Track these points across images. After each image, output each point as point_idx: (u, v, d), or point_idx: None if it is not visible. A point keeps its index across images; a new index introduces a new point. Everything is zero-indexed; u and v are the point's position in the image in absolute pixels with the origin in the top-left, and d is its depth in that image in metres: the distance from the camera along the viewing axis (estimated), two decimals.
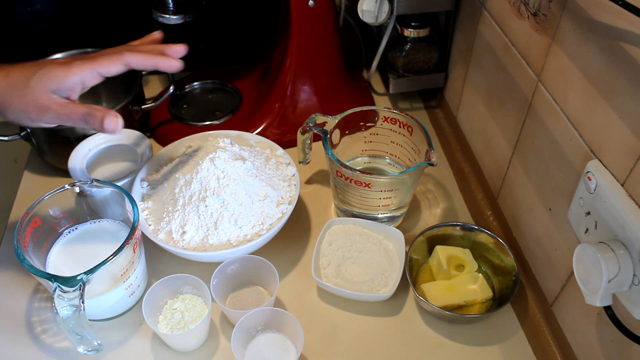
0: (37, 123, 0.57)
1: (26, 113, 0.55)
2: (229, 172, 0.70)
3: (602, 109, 0.50)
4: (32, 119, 0.56)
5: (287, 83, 0.88)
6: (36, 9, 0.95)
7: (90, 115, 0.56)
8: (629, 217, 0.46)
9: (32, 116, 0.56)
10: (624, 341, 0.49)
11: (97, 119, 0.56)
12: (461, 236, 0.73)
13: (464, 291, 0.68)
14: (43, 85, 0.55)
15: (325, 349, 0.66)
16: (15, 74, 0.55)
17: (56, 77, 0.55)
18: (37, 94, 0.55)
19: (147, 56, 0.61)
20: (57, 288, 0.56)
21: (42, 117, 0.56)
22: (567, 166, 0.57)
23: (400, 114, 0.74)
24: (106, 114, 0.57)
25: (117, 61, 0.59)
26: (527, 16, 0.62)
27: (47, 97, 0.55)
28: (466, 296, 0.67)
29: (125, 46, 0.63)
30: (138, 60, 0.60)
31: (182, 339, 0.64)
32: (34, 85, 0.55)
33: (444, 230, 0.73)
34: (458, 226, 0.73)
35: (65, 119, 0.56)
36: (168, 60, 0.62)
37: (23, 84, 0.55)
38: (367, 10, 0.83)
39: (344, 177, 0.70)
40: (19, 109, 0.55)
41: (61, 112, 0.56)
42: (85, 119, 0.56)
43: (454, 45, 0.88)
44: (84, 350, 0.59)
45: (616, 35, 0.47)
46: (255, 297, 0.70)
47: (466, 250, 0.71)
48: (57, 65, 0.56)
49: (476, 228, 0.71)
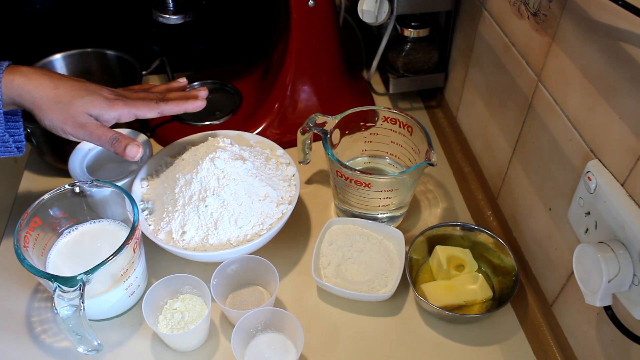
0: (68, 136, 0.64)
1: (63, 125, 0.62)
2: (229, 172, 0.70)
3: (602, 109, 0.50)
4: (65, 132, 0.63)
5: (287, 83, 0.88)
6: (36, 9, 0.95)
7: (117, 141, 0.64)
8: (629, 217, 0.46)
9: (67, 129, 0.63)
10: (624, 341, 0.49)
11: (122, 144, 0.65)
12: (461, 236, 0.73)
13: (464, 291, 0.68)
14: (86, 109, 0.63)
15: (325, 349, 0.66)
16: (63, 89, 0.62)
17: (100, 108, 0.63)
18: (78, 113, 0.62)
19: (177, 104, 0.69)
20: (57, 288, 0.56)
21: (76, 132, 0.63)
22: (567, 166, 0.57)
23: (400, 114, 0.74)
24: (130, 143, 0.65)
25: (153, 109, 0.67)
26: (527, 16, 0.62)
27: (86, 118, 0.63)
28: (466, 296, 0.67)
29: (159, 94, 0.71)
30: (170, 109, 0.69)
31: (182, 339, 0.64)
32: (78, 105, 0.62)
33: (444, 230, 0.73)
34: (458, 226, 0.73)
35: (96, 139, 0.64)
36: (194, 102, 0.71)
37: (69, 101, 0.62)
38: (367, 10, 0.83)
39: (344, 177, 0.70)
40: (57, 120, 0.62)
41: (94, 133, 0.63)
42: (111, 143, 0.64)
43: (454, 45, 0.88)
44: (84, 350, 0.59)
45: (616, 35, 0.47)
46: (255, 297, 0.70)
47: (466, 250, 0.71)
48: (102, 99, 0.64)
49: (476, 228, 0.71)
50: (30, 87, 0.61)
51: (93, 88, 0.65)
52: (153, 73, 0.93)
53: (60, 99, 0.61)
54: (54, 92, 0.61)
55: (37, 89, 0.61)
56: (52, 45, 0.90)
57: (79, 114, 0.62)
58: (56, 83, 0.62)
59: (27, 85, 0.61)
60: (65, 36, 0.97)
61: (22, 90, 0.61)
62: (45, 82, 0.61)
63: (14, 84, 0.60)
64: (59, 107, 0.61)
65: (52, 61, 0.89)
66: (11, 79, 0.60)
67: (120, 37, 0.99)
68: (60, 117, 0.62)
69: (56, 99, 0.61)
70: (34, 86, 0.61)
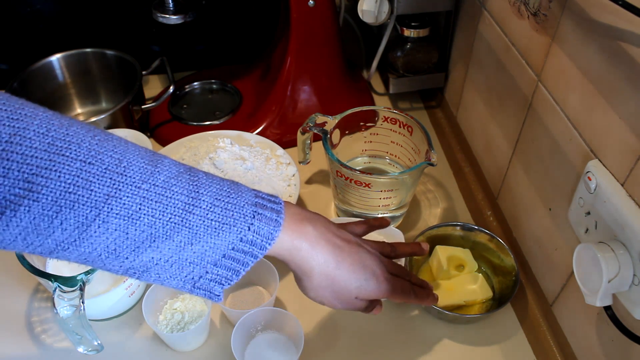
0: None
1: (323, 300, 0.53)
2: (229, 172, 0.70)
3: (602, 109, 0.50)
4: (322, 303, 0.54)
5: (287, 83, 0.88)
6: (36, 9, 0.95)
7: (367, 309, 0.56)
8: (629, 217, 0.46)
9: (325, 302, 0.54)
10: (624, 341, 0.49)
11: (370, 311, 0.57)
12: (461, 236, 0.73)
13: (463, 291, 0.68)
14: (356, 293, 0.53)
15: (325, 349, 0.66)
16: (344, 270, 0.52)
17: (368, 294, 0.54)
18: (348, 297, 0.53)
19: (421, 299, 0.59)
20: (57, 288, 0.56)
21: (332, 304, 0.54)
22: (567, 166, 0.57)
23: (400, 114, 0.74)
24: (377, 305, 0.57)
25: (403, 300, 0.57)
26: (527, 16, 0.62)
27: (352, 300, 0.54)
28: (466, 296, 0.67)
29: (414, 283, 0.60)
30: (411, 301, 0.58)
31: (182, 339, 0.64)
32: (351, 290, 0.53)
33: (444, 230, 0.73)
34: (458, 226, 0.73)
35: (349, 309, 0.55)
36: (431, 300, 0.61)
37: (344, 286, 0.52)
38: (367, 10, 0.83)
39: (344, 177, 0.70)
40: (321, 297, 0.53)
41: (350, 306, 0.55)
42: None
43: (454, 45, 0.88)
44: (84, 350, 0.59)
45: (616, 35, 0.47)
46: (255, 297, 0.70)
47: (466, 251, 0.71)
48: (375, 284, 0.53)
49: (476, 228, 0.71)
50: (312, 262, 0.49)
51: (370, 267, 0.53)
52: (153, 73, 0.93)
53: (335, 282, 0.51)
54: (334, 273, 0.51)
55: (319, 265, 0.50)
56: (52, 45, 0.90)
57: (349, 297, 0.53)
58: (338, 261, 0.51)
59: (310, 260, 0.49)
60: (65, 36, 0.97)
61: (302, 261, 0.49)
62: (330, 259, 0.50)
63: (300, 254, 0.49)
64: (330, 288, 0.51)
65: (52, 61, 0.90)
66: (299, 247, 0.49)
67: (120, 37, 0.99)
68: (326, 295, 0.52)
69: (332, 281, 0.51)
70: (317, 263, 0.50)
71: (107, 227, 0.40)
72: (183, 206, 0.42)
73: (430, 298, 0.60)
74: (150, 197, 0.41)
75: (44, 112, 0.40)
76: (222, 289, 0.46)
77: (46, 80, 0.90)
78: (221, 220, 0.44)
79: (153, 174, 0.42)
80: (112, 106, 0.86)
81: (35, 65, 0.88)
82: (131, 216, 0.40)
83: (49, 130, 0.39)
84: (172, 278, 0.44)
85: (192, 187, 0.43)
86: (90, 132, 0.41)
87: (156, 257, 0.42)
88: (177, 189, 0.42)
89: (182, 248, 0.43)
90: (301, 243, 0.49)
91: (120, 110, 0.83)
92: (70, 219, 0.39)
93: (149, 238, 0.41)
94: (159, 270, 0.43)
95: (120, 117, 0.84)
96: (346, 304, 0.53)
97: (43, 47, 0.90)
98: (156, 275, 0.44)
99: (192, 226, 0.42)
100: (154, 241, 0.42)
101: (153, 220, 0.41)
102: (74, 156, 0.39)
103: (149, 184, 0.41)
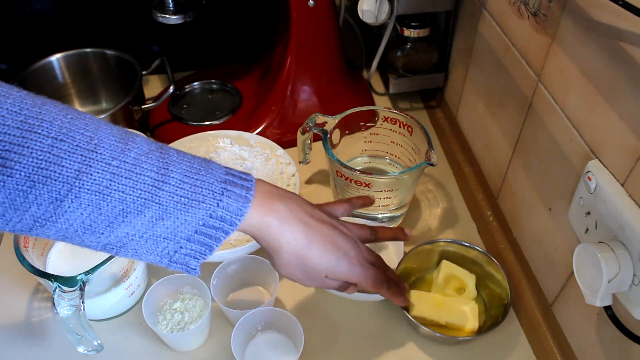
0: None
1: (293, 278, 0.54)
2: None
3: (602, 109, 0.50)
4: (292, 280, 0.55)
5: (287, 83, 0.88)
6: (36, 9, 0.95)
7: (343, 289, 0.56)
8: (629, 217, 0.46)
9: (295, 280, 0.54)
10: (624, 341, 0.49)
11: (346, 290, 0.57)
12: (473, 261, 0.70)
13: (449, 312, 0.66)
14: (327, 273, 0.53)
15: (325, 349, 0.66)
16: (315, 249, 0.52)
17: (339, 275, 0.54)
18: (318, 276, 0.53)
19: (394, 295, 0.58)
20: (57, 288, 0.56)
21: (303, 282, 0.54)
22: (567, 166, 0.57)
23: (400, 114, 0.74)
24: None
25: (375, 288, 0.56)
26: (527, 16, 0.62)
27: (322, 278, 0.54)
28: (450, 318, 0.65)
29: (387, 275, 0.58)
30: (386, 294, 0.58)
31: (182, 339, 0.64)
32: (321, 270, 0.53)
33: (458, 248, 0.70)
34: (474, 249, 0.69)
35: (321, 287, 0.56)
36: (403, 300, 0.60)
37: (314, 266, 0.53)
38: (367, 10, 0.83)
39: (344, 177, 0.70)
40: (292, 274, 0.53)
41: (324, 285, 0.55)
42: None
43: (454, 45, 0.88)
44: (84, 350, 0.59)
45: (616, 35, 0.47)
46: (255, 297, 0.70)
47: (472, 276, 0.68)
48: (347, 265, 0.53)
49: (492, 259, 0.68)
50: (281, 240, 0.50)
51: (343, 248, 0.53)
52: (153, 73, 0.93)
53: (305, 261, 0.51)
54: (304, 252, 0.51)
55: (288, 244, 0.50)
56: (52, 45, 0.90)
57: (319, 276, 0.53)
58: (309, 240, 0.50)
59: (279, 237, 0.49)
60: (65, 36, 0.97)
61: (271, 238, 0.50)
62: (300, 238, 0.50)
63: (269, 231, 0.49)
64: (300, 267, 0.51)
65: (52, 61, 0.90)
66: (268, 224, 0.49)
67: (120, 37, 0.99)
68: (295, 272, 0.52)
69: (302, 259, 0.51)
70: (286, 241, 0.50)
71: (80, 202, 0.41)
72: (152, 182, 0.43)
73: (402, 298, 0.59)
74: (120, 173, 0.42)
75: (18, 92, 0.41)
76: (198, 262, 0.47)
77: (46, 80, 0.90)
78: (190, 196, 0.44)
79: (124, 152, 0.43)
80: (112, 106, 0.86)
81: (35, 65, 0.88)
82: (102, 192, 0.42)
83: (22, 108, 0.40)
84: (148, 253, 0.45)
85: (162, 164, 0.44)
86: (63, 111, 0.42)
87: (131, 233, 0.44)
88: (147, 165, 0.43)
89: (154, 223, 0.44)
90: (270, 220, 0.49)
91: (120, 110, 0.83)
92: (44, 194, 0.40)
93: (121, 213, 0.43)
94: (135, 245, 0.45)
95: (120, 117, 0.84)
96: (316, 282, 0.54)
97: (43, 47, 0.90)
98: (133, 251, 0.45)
99: (161, 202, 0.44)
100: (126, 216, 0.43)
101: (124, 196, 0.42)
102: (45, 133, 0.40)
103: (119, 160, 0.42)
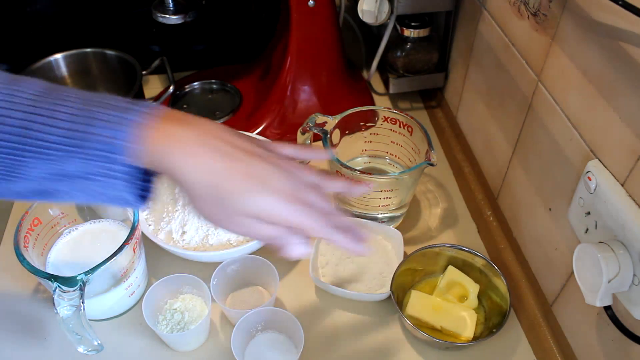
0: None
1: (216, 224, 0.47)
2: None
3: (602, 109, 0.50)
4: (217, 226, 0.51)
5: (287, 83, 0.88)
6: (36, 9, 0.95)
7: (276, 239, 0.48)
8: (629, 217, 0.46)
9: (220, 227, 0.48)
10: (624, 341, 0.49)
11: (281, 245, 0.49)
12: (480, 270, 0.69)
13: (446, 318, 0.65)
14: (250, 211, 0.45)
15: (325, 348, 0.66)
16: (233, 179, 0.44)
17: (269, 214, 0.45)
18: (241, 216, 0.46)
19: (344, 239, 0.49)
20: (57, 288, 0.56)
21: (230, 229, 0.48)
22: (567, 166, 0.57)
23: (400, 114, 0.74)
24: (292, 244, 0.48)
25: (319, 233, 0.47)
26: (527, 16, 0.62)
27: (247, 220, 0.46)
28: (446, 323, 0.65)
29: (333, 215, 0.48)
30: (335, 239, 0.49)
31: (182, 339, 0.64)
32: (244, 205, 0.45)
33: (466, 255, 0.69)
34: (482, 259, 0.68)
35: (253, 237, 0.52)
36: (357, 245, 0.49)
37: (234, 199, 0.45)
38: (367, 10, 0.83)
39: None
40: (213, 219, 0.46)
41: (251, 233, 0.47)
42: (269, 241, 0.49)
43: (454, 45, 0.88)
44: (84, 350, 0.59)
45: (616, 35, 0.47)
46: (255, 297, 0.70)
47: (476, 285, 0.68)
48: (274, 200, 0.45)
49: (498, 271, 0.67)
50: (188, 169, 0.43)
51: (274, 183, 0.44)
52: (153, 73, 0.93)
53: (224, 195, 0.43)
54: (221, 185, 0.43)
55: (197, 173, 0.43)
56: (52, 45, 0.90)
57: (242, 216, 0.45)
58: (226, 169, 0.44)
59: (185, 167, 0.43)
60: (65, 36, 0.97)
61: (175, 169, 0.43)
62: (213, 168, 0.43)
63: (172, 159, 0.43)
64: (219, 204, 0.44)
65: (52, 61, 0.90)
66: (169, 152, 0.42)
67: (120, 37, 0.99)
68: (214, 211, 0.45)
69: (219, 194, 0.43)
70: (195, 170, 0.43)
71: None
72: (43, 120, 0.43)
73: (359, 246, 0.48)
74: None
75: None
76: (132, 197, 0.44)
77: (46, 80, 0.90)
78: (82, 129, 0.42)
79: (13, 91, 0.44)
80: None
81: (35, 65, 0.88)
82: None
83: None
84: (80, 192, 0.44)
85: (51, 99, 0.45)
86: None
87: (45, 173, 0.42)
88: (39, 104, 0.45)
89: (60, 159, 0.42)
90: (172, 148, 0.42)
91: None
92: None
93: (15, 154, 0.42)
94: (64, 187, 0.44)
95: None
96: (241, 226, 0.45)
97: (43, 47, 0.90)
98: (65, 194, 0.44)
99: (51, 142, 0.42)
100: (23, 157, 0.42)
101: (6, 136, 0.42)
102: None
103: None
